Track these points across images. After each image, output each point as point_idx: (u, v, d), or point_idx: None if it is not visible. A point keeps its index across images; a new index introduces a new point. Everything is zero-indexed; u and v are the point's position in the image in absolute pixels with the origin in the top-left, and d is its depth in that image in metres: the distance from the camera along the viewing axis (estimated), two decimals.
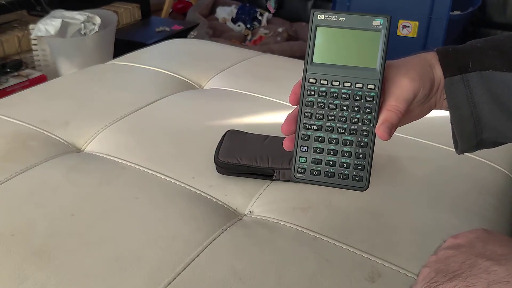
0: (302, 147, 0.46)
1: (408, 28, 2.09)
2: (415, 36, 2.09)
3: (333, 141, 0.45)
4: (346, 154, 0.45)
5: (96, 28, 1.87)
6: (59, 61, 1.84)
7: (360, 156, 0.45)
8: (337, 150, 0.45)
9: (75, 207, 0.65)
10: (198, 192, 0.70)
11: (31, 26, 1.89)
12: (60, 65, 1.85)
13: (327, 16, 0.44)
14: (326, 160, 0.45)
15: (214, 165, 0.73)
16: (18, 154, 0.76)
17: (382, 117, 0.45)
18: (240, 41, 2.58)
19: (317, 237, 0.62)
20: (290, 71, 1.13)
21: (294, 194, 0.70)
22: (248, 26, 2.75)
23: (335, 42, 0.44)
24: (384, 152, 0.77)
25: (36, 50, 1.90)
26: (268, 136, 0.78)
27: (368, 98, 0.44)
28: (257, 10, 2.84)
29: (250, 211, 0.68)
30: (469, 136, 0.49)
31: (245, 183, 0.72)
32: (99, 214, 0.65)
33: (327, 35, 0.44)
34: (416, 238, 0.62)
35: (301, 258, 0.59)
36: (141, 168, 0.74)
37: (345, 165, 0.45)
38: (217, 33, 2.55)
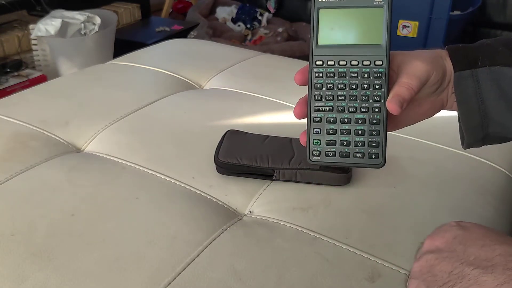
0: (315, 130, 0.45)
1: (408, 28, 2.09)
2: (415, 36, 2.09)
3: (345, 120, 0.45)
4: (360, 132, 0.45)
5: (96, 28, 1.87)
6: (59, 61, 1.84)
7: (374, 133, 0.45)
8: (350, 130, 0.45)
9: (75, 207, 0.65)
10: (198, 192, 0.70)
11: (31, 26, 1.89)
12: (60, 65, 1.85)
13: None
14: (340, 140, 0.45)
15: (214, 165, 0.73)
16: (18, 154, 0.76)
17: (392, 92, 0.45)
18: (240, 41, 2.58)
19: (317, 237, 0.62)
20: (290, 71, 1.12)
21: (294, 194, 0.70)
22: (248, 26, 2.75)
23: (339, 22, 0.44)
24: None
25: (36, 50, 1.90)
26: (268, 136, 0.78)
27: (376, 75, 0.44)
28: (257, 10, 2.84)
29: (250, 211, 0.68)
30: (475, 129, 0.49)
31: (245, 183, 0.72)
32: (99, 214, 0.65)
33: (330, 16, 0.44)
34: (416, 238, 0.62)
35: (301, 258, 0.59)
36: (141, 168, 0.74)
37: (360, 143, 0.45)
38: (217, 33, 2.55)
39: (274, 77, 1.09)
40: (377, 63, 0.44)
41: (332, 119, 0.45)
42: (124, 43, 2.10)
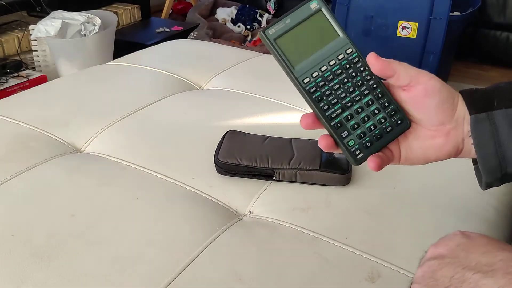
0: (342, 134, 0.47)
1: (408, 29, 2.09)
2: (414, 37, 2.09)
3: (359, 110, 0.48)
4: (376, 111, 0.48)
5: (96, 29, 1.87)
6: (59, 61, 1.85)
7: (386, 104, 0.48)
8: (368, 115, 0.48)
9: (75, 207, 0.65)
10: (198, 192, 0.70)
11: (31, 27, 1.89)
12: (60, 65, 1.85)
13: (275, 26, 0.47)
14: (367, 128, 0.48)
15: (214, 165, 0.73)
16: (18, 154, 0.77)
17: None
18: (240, 42, 2.58)
19: (317, 237, 0.62)
20: None
21: (294, 194, 0.70)
22: (248, 27, 2.75)
23: (298, 41, 0.47)
24: None
25: (36, 50, 1.90)
26: (268, 136, 0.78)
27: (354, 60, 0.48)
28: (257, 11, 2.84)
29: (250, 212, 0.68)
30: (494, 170, 0.49)
31: (245, 183, 0.72)
32: (99, 214, 0.65)
33: (287, 40, 0.47)
34: (416, 239, 0.62)
35: (301, 258, 0.59)
36: (141, 169, 0.74)
37: (382, 119, 0.48)
38: (217, 34, 2.55)
39: (273, 77, 1.08)
40: (348, 51, 0.48)
41: (349, 116, 0.48)
42: (124, 44, 2.11)
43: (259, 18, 2.81)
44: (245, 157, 0.72)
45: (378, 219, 0.67)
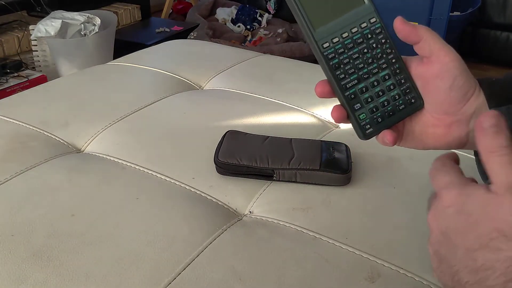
0: (355, 106, 0.46)
1: None
2: None
3: (375, 83, 0.46)
4: (391, 87, 0.46)
5: (96, 29, 1.87)
6: (59, 61, 1.85)
7: (402, 81, 0.46)
8: (383, 90, 0.46)
9: (75, 207, 0.65)
10: (198, 192, 0.70)
11: (31, 27, 1.89)
12: (60, 65, 1.85)
13: None
14: (380, 103, 0.46)
15: (214, 165, 0.73)
16: (18, 154, 0.77)
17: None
18: (240, 42, 2.58)
19: (317, 237, 0.63)
20: (290, 72, 1.13)
21: (294, 194, 0.70)
22: (248, 27, 2.75)
23: (321, 2, 0.46)
24: (384, 152, 0.77)
25: (36, 50, 1.90)
26: (268, 136, 0.78)
27: (377, 31, 0.46)
28: (257, 11, 2.84)
29: (250, 212, 0.68)
30: None
31: (245, 183, 0.72)
32: (99, 214, 0.65)
33: (311, 0, 0.45)
34: (416, 238, 0.62)
35: (301, 258, 0.59)
36: (141, 169, 0.74)
37: (396, 96, 0.46)
38: (217, 34, 2.55)
39: (273, 77, 1.09)
40: (371, 20, 0.46)
41: (364, 88, 0.46)
42: (124, 44, 2.11)
43: (259, 18, 2.81)
44: (245, 157, 0.72)
45: (378, 219, 0.67)
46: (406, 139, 0.49)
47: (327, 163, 0.71)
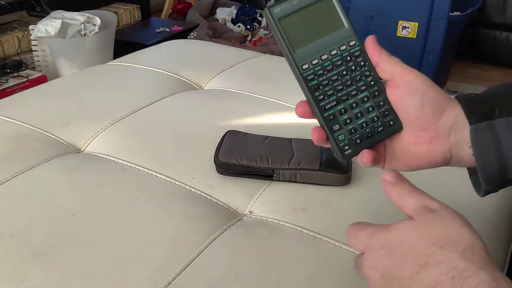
0: (334, 127, 0.47)
1: (408, 29, 2.09)
2: (414, 36, 2.09)
3: (354, 105, 0.47)
4: (370, 109, 0.47)
5: (96, 29, 1.87)
6: (59, 61, 1.85)
7: (381, 103, 0.47)
8: (361, 111, 0.47)
9: (75, 207, 0.65)
10: (198, 192, 0.70)
11: (31, 27, 1.89)
12: (60, 65, 1.85)
13: (282, 6, 0.45)
14: (358, 124, 0.47)
15: (214, 165, 0.73)
16: (18, 154, 0.77)
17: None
18: (240, 42, 2.58)
19: (317, 237, 0.63)
20: (290, 72, 1.13)
21: (294, 194, 0.70)
22: (248, 27, 2.75)
23: (302, 24, 0.46)
24: None
25: (36, 50, 1.90)
26: (268, 136, 0.78)
27: (356, 54, 0.47)
28: (257, 11, 2.84)
29: (250, 211, 0.68)
30: (494, 179, 0.47)
31: (245, 183, 0.72)
32: (99, 214, 0.65)
33: (292, 22, 0.46)
34: None
35: (301, 258, 0.59)
36: (141, 169, 0.74)
37: (375, 118, 0.47)
38: (217, 34, 2.55)
39: (273, 77, 1.09)
40: (351, 43, 0.47)
41: (343, 109, 0.47)
42: (124, 44, 2.11)
43: (259, 18, 2.81)
44: (245, 157, 0.72)
45: (378, 219, 0.66)
46: (390, 161, 0.49)
47: (327, 163, 0.71)
